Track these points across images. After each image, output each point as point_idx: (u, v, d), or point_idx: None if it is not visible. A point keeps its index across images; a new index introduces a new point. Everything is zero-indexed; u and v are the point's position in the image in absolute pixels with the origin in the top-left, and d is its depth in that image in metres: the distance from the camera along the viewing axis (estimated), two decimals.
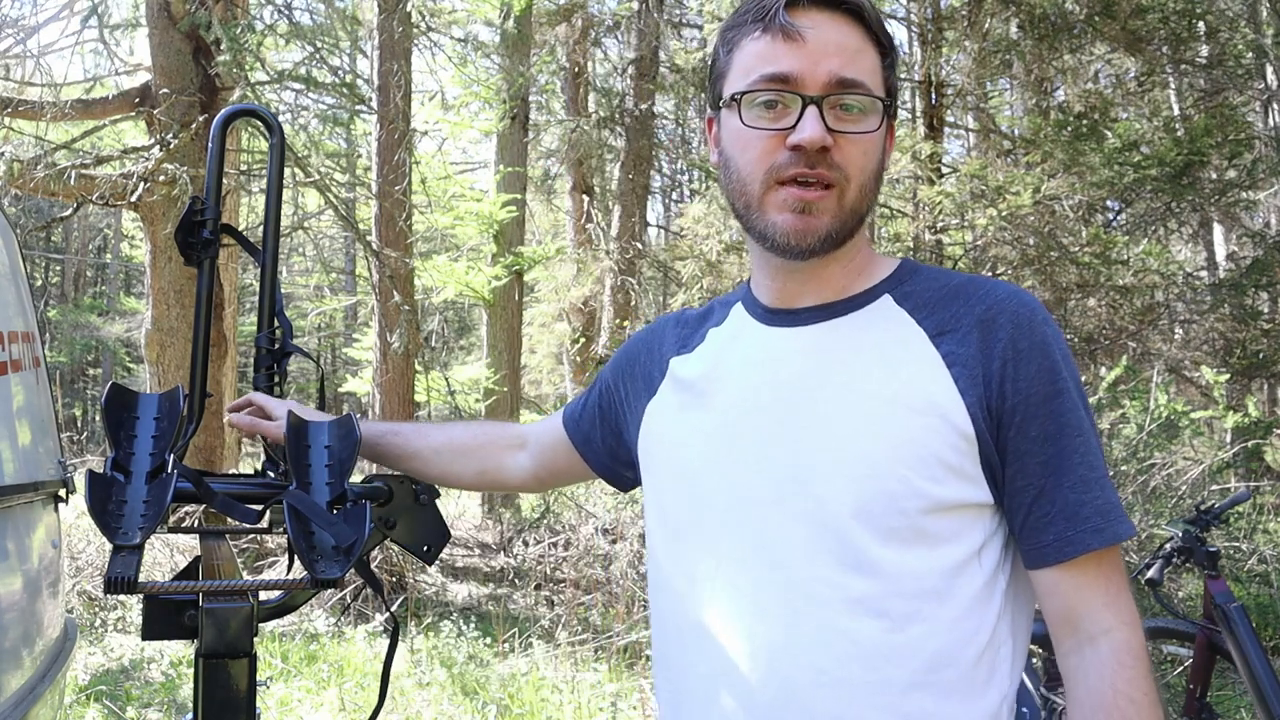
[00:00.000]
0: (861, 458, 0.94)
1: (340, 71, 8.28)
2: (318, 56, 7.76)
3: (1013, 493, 0.96)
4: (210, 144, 1.52)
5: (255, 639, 1.20)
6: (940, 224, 7.90)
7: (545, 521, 8.17)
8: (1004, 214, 6.82)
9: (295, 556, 1.35)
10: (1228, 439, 7.38)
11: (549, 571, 7.18)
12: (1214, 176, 7.33)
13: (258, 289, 1.64)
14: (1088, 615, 0.95)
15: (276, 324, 1.57)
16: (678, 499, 1.07)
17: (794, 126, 0.96)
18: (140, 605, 1.29)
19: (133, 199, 6.81)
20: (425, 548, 1.56)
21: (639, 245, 9.61)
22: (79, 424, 19.88)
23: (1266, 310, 7.87)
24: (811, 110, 0.95)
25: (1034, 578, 0.98)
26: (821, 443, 0.96)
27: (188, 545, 6.36)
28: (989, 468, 0.96)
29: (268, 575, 1.49)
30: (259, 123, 1.61)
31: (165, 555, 6.35)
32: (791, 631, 0.95)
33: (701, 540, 1.03)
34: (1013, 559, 1.00)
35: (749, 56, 1.00)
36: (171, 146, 6.72)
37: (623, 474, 1.29)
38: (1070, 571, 0.95)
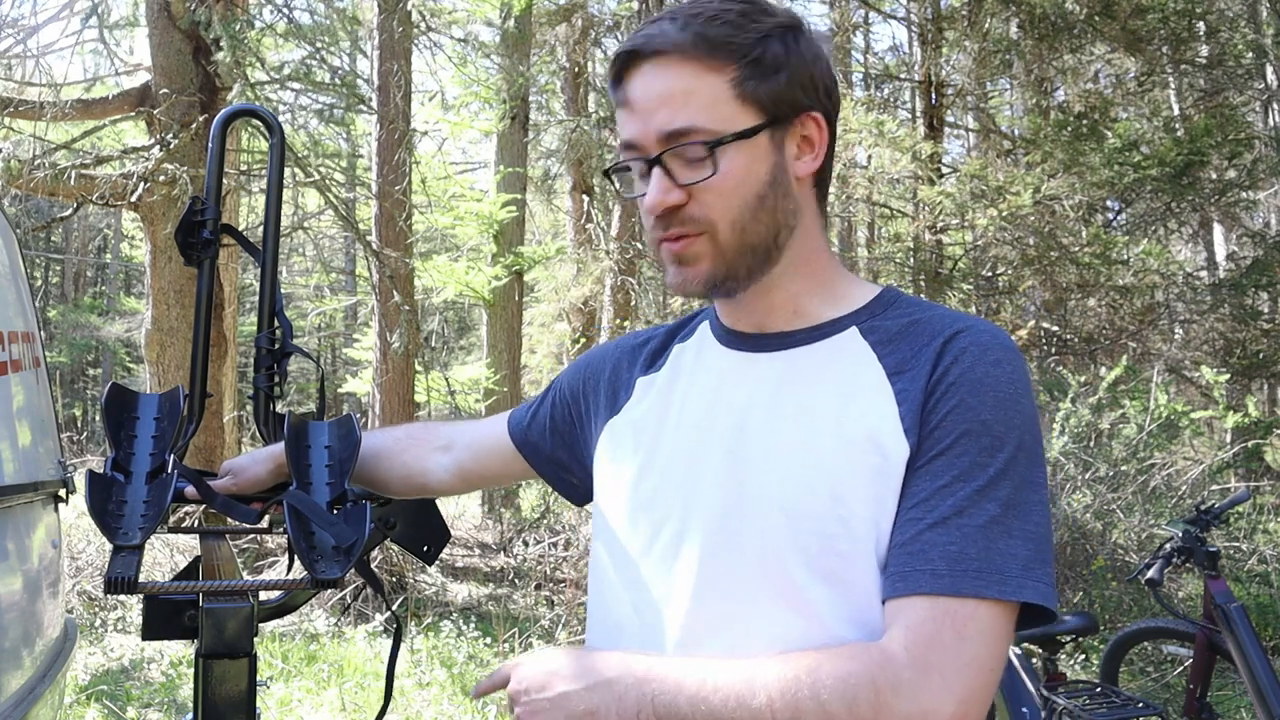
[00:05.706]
0: (802, 496, 0.91)
1: (340, 71, 8.28)
2: (317, 56, 7.76)
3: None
4: (210, 144, 1.52)
5: (255, 639, 1.20)
6: (940, 224, 7.90)
7: (545, 521, 8.17)
8: (1004, 214, 6.82)
9: (295, 556, 1.35)
10: (1228, 439, 7.38)
11: (549, 571, 7.18)
12: (1214, 176, 7.34)
13: (258, 289, 1.63)
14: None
15: (276, 324, 1.57)
16: (630, 522, 1.03)
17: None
18: (140, 605, 1.29)
19: (133, 199, 6.81)
20: (425, 548, 1.56)
21: (639, 245, 9.59)
22: (79, 424, 19.87)
23: (1266, 310, 7.88)
24: (655, 173, 0.94)
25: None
26: (768, 476, 0.93)
27: (188, 545, 6.36)
28: None
29: (268, 575, 1.49)
30: (259, 123, 1.61)
31: (165, 555, 6.35)
32: None
33: (651, 568, 1.00)
34: None
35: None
36: (171, 146, 6.72)
37: (570, 482, 1.25)
38: (900, 608, 0.86)
